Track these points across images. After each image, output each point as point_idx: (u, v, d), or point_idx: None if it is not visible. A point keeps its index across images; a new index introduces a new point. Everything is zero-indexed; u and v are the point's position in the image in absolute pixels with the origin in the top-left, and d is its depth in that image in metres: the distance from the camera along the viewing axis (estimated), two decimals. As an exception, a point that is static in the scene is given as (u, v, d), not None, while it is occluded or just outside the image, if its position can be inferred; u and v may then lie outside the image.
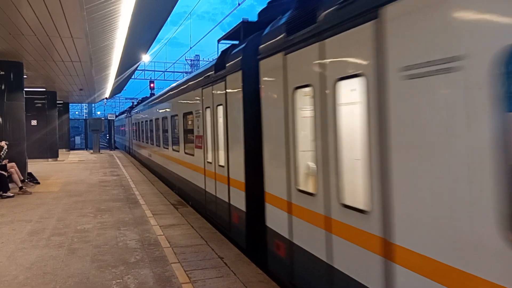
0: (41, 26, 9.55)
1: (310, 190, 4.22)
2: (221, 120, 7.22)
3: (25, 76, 14.53)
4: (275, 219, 5.02)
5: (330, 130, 3.74)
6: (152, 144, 16.97)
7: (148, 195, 11.28)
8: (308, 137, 4.29)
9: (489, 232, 2.27)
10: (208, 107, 8.01)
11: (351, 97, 3.69)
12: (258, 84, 5.45)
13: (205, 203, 8.52)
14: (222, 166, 7.16)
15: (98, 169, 18.59)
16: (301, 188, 4.38)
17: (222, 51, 7.49)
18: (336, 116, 3.66)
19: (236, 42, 7.21)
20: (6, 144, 12.00)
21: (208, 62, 11.92)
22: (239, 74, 6.24)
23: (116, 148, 41.29)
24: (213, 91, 7.63)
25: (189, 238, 6.88)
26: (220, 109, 7.20)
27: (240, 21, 7.12)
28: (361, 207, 3.36)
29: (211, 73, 7.79)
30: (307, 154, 4.36)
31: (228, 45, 7.47)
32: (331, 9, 3.71)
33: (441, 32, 2.52)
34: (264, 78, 5.27)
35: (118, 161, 23.58)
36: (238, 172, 6.36)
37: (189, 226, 7.72)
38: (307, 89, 4.19)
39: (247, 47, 6.24)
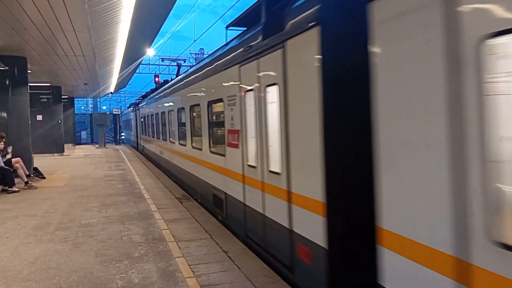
0: (43, 20, 9.49)
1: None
2: None
3: (29, 71, 14.51)
4: None
5: None
6: None
7: (153, 189, 11.26)
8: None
9: None
10: None
11: None
12: None
13: None
14: None
15: (103, 164, 18.63)
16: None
17: None
18: None
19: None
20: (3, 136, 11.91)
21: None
22: None
23: (122, 142, 41.30)
24: None
25: (193, 232, 6.84)
26: None
27: None
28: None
29: None
30: None
31: None
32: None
33: None
34: None
35: (123, 155, 23.62)
36: None
37: (194, 220, 7.68)
38: None
39: None
